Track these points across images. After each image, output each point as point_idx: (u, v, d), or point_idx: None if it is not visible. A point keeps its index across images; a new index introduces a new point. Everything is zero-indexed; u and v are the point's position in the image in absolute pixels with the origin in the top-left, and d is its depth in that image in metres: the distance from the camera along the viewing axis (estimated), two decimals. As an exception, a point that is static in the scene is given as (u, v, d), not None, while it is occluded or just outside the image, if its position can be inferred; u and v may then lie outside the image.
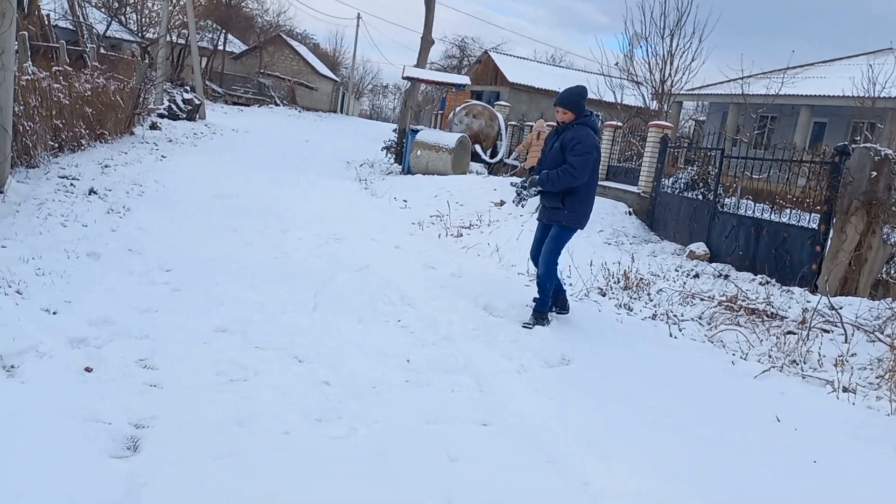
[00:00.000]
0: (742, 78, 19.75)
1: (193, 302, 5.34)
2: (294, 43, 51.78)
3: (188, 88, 27.18)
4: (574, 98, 5.86)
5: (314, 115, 44.92)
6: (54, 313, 4.61)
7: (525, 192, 6.01)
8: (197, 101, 25.28)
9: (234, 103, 40.00)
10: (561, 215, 5.91)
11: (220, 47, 43.38)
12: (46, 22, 19.13)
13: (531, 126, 20.36)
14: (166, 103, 23.60)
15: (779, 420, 4.34)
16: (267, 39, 49.31)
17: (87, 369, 3.90)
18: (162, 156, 14.74)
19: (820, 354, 5.58)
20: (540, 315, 5.93)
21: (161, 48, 26.86)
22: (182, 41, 33.29)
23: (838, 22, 79.03)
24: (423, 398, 4.11)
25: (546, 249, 6.00)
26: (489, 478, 3.29)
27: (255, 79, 44.91)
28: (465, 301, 6.31)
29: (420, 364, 4.65)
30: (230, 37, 45.90)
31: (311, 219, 9.72)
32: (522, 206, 6.26)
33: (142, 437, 3.26)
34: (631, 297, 7.37)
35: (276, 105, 43.13)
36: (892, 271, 7.74)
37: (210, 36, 41.83)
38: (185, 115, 23.86)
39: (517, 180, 5.86)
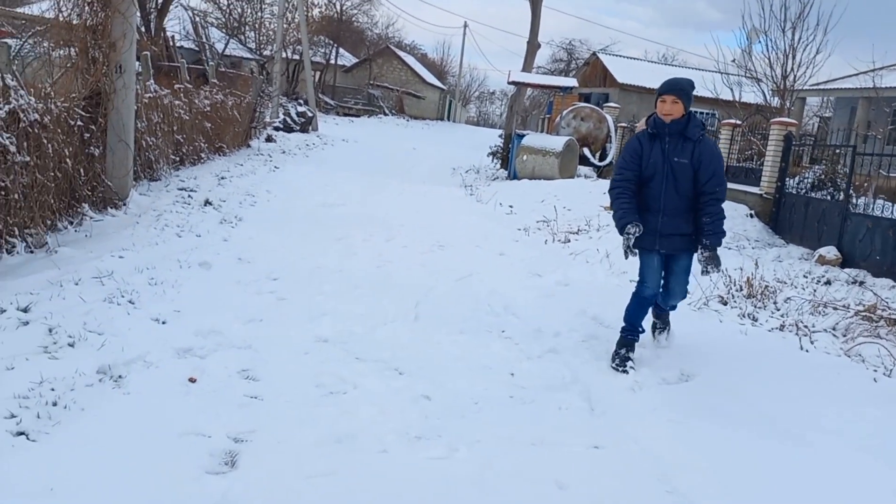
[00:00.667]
0: (873, 70, 18.24)
1: (297, 312, 5.32)
2: (402, 54, 52.69)
3: (302, 102, 28.12)
4: (687, 87, 4.71)
5: (421, 123, 45.48)
6: (163, 323, 4.69)
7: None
8: (310, 114, 26.09)
9: (346, 114, 41.10)
10: (691, 241, 4.87)
11: (332, 61, 44.70)
12: (171, 43, 20.20)
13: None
14: (281, 116, 24.47)
15: None
16: (376, 52, 50.45)
17: (191, 380, 3.90)
18: (275, 167, 15.19)
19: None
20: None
21: (276, 64, 27.89)
22: (297, 57, 34.47)
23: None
24: (528, 417, 3.86)
25: (684, 284, 5.06)
26: (600, 508, 3.01)
27: (365, 90, 46.03)
28: (573, 311, 6.00)
29: (525, 379, 4.40)
30: (341, 50, 47.25)
31: (416, 226, 9.65)
32: (634, 255, 4.76)
33: (240, 452, 3.19)
34: (755, 307, 6.82)
35: (385, 115, 44.00)
36: None
37: (323, 51, 43.19)
38: (298, 128, 24.66)
39: (632, 232, 4.58)
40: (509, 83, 20.08)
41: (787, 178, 11.38)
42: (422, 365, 4.46)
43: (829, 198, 10.24)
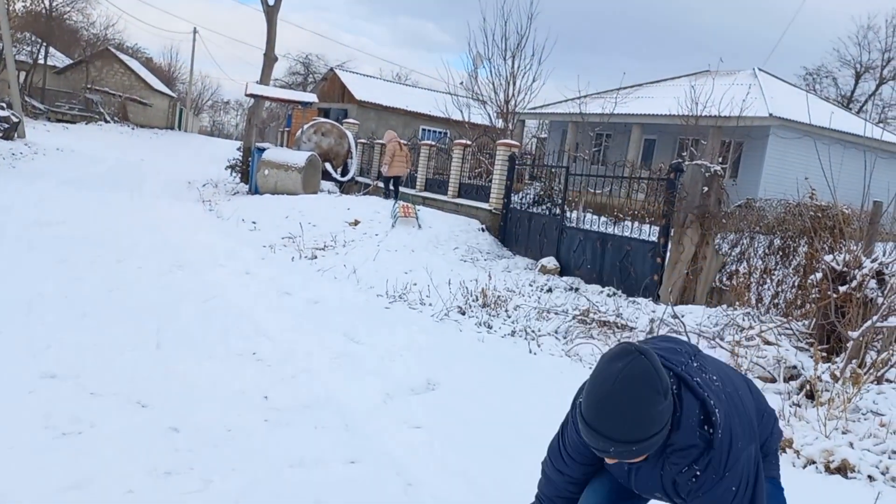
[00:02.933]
0: (579, 97, 20.79)
1: (15, 346, 4.72)
2: (124, 57, 48.70)
3: (4, 105, 24.76)
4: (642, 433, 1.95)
5: (149, 132, 42.46)
6: None
7: None
8: (15, 119, 23.09)
9: (59, 120, 36.96)
10: None
11: (41, 61, 39.99)
12: None
13: (382, 144, 20.35)
14: (-23, 121, 21.36)
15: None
16: (94, 53, 46.02)
17: None
18: (-27, 179, 13.25)
19: (669, 363, 5.83)
20: None
21: (-30, 60, 24.30)
22: (-5, 53, 30.32)
23: (665, 42, 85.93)
24: (284, 439, 3.83)
25: None
26: (361, 523, 3.08)
27: (81, 94, 41.75)
28: (325, 329, 6.05)
29: (279, 401, 4.35)
30: (53, 50, 42.44)
31: (151, 246, 9.03)
32: None
33: (-49, 516, 2.77)
34: (490, 315, 7.41)
35: (106, 122, 40.30)
36: (724, 279, 8.31)
37: (29, 49, 38.44)
38: (1, 134, 21.70)
39: None
40: (247, 95, 19.57)
41: (512, 195, 12.52)
42: (167, 396, 4.21)
43: (547, 213, 11.45)
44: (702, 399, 2.02)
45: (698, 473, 2.03)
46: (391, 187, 16.19)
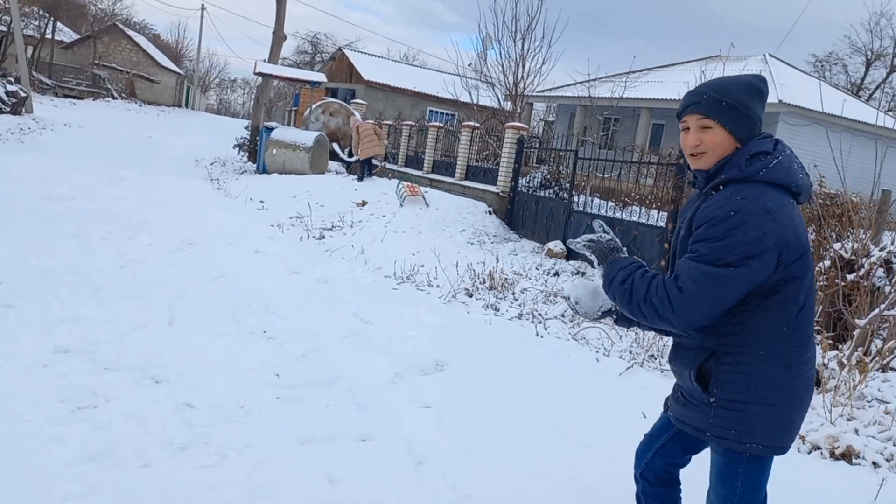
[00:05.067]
0: (588, 81, 20.68)
1: (29, 320, 4.78)
2: (132, 33, 48.56)
3: (12, 80, 24.76)
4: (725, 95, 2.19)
5: (157, 109, 42.42)
6: None
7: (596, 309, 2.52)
8: (23, 94, 23.10)
9: (66, 96, 36.95)
10: (708, 418, 2.22)
11: (49, 36, 39.90)
12: None
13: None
14: (-14, 95, 21.37)
15: (645, 416, 4.49)
16: (101, 28, 45.90)
17: None
18: (-18, 154, 13.30)
19: (676, 348, 5.87)
20: None
21: (-22, 34, 24.27)
22: (3, 28, 30.29)
23: (677, 25, 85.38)
24: (296, 416, 3.89)
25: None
26: (371, 500, 3.14)
27: (89, 70, 41.67)
28: (334, 308, 6.10)
29: (291, 379, 4.40)
30: (60, 25, 42.32)
31: (161, 223, 9.08)
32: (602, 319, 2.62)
33: (-28, 484, 2.83)
34: (497, 298, 7.45)
35: (114, 98, 40.28)
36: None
37: (36, 23, 38.35)
38: (9, 109, 21.73)
39: (570, 292, 2.57)
40: (256, 74, 19.54)
41: (520, 178, 12.52)
42: (181, 371, 4.26)
43: (555, 196, 11.46)
44: (774, 163, 2.11)
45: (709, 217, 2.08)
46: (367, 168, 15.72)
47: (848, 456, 4.02)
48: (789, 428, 2.17)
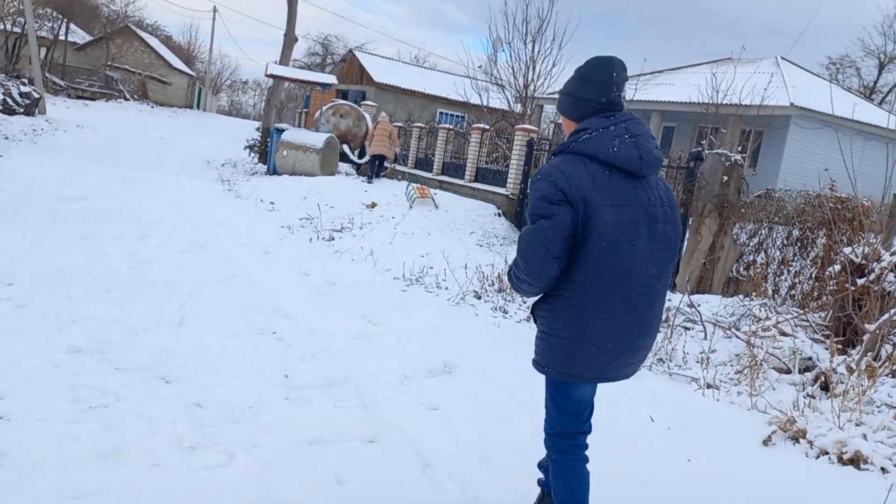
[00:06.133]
0: (598, 83, 20.60)
1: (42, 320, 4.83)
2: (144, 35, 48.84)
3: (26, 81, 24.97)
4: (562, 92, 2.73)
5: (168, 110, 42.66)
6: None
7: None
8: (36, 95, 23.29)
9: (79, 97, 37.22)
10: (536, 347, 2.75)
11: (62, 37, 40.20)
12: None
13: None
14: (0, 97, 21.54)
15: (653, 420, 4.50)
16: (114, 30, 46.20)
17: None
18: (-3, 154, 13.42)
19: (684, 352, 5.86)
20: None
21: (-7, 35, 24.48)
22: (18, 30, 30.54)
23: (688, 27, 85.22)
24: (304, 417, 3.91)
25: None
26: (379, 501, 3.16)
27: (101, 71, 41.96)
28: (343, 309, 6.13)
29: (299, 379, 4.43)
30: (73, 27, 42.62)
31: (172, 223, 9.14)
32: None
33: (-14, 481, 2.87)
34: (506, 300, 7.45)
35: (126, 100, 40.55)
36: (741, 269, 8.30)
37: (50, 25, 38.64)
38: (22, 110, 21.90)
39: None
40: (267, 76, 19.61)
41: (530, 181, 12.52)
42: (191, 372, 4.30)
43: (564, 199, 11.45)
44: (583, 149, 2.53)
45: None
46: (377, 166, 15.79)
47: (856, 461, 4.01)
48: (580, 361, 2.55)
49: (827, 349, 5.43)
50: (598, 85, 2.56)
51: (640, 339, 2.61)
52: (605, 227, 2.42)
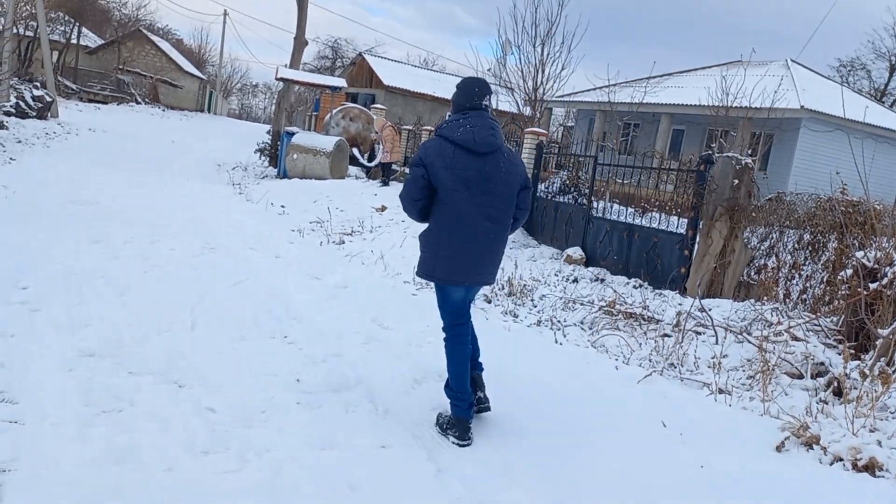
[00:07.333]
0: (608, 86, 20.62)
1: (55, 323, 4.86)
2: (156, 38, 49.16)
3: (38, 84, 25.15)
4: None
5: (179, 114, 42.90)
6: None
7: None
8: (48, 98, 23.47)
9: (91, 101, 37.47)
10: None
11: (74, 41, 40.50)
12: None
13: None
14: (13, 100, 21.71)
15: (665, 425, 4.48)
16: (126, 34, 46.51)
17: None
18: (10, 158, 13.52)
19: (695, 357, 5.84)
20: (449, 424, 3.99)
21: (7, 41, 24.66)
22: (31, 33, 30.79)
23: (695, 32, 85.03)
24: (317, 421, 3.92)
25: None
26: (392, 505, 3.16)
27: (113, 75, 42.24)
28: (354, 313, 6.14)
29: (311, 383, 4.44)
30: (85, 30, 42.92)
31: (183, 227, 9.18)
32: None
33: (2, 484, 2.89)
34: (516, 304, 7.45)
35: (138, 103, 40.81)
36: (752, 273, 8.26)
37: (62, 29, 38.93)
38: (35, 114, 22.08)
39: None
40: (278, 79, 19.71)
41: (539, 184, 12.50)
42: (203, 375, 4.32)
43: (574, 202, 11.43)
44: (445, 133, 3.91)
45: None
46: (388, 173, 15.91)
47: (871, 468, 3.98)
48: (441, 268, 3.92)
49: (839, 354, 5.39)
50: (464, 94, 3.95)
51: (480, 256, 3.92)
52: (444, 182, 3.80)
